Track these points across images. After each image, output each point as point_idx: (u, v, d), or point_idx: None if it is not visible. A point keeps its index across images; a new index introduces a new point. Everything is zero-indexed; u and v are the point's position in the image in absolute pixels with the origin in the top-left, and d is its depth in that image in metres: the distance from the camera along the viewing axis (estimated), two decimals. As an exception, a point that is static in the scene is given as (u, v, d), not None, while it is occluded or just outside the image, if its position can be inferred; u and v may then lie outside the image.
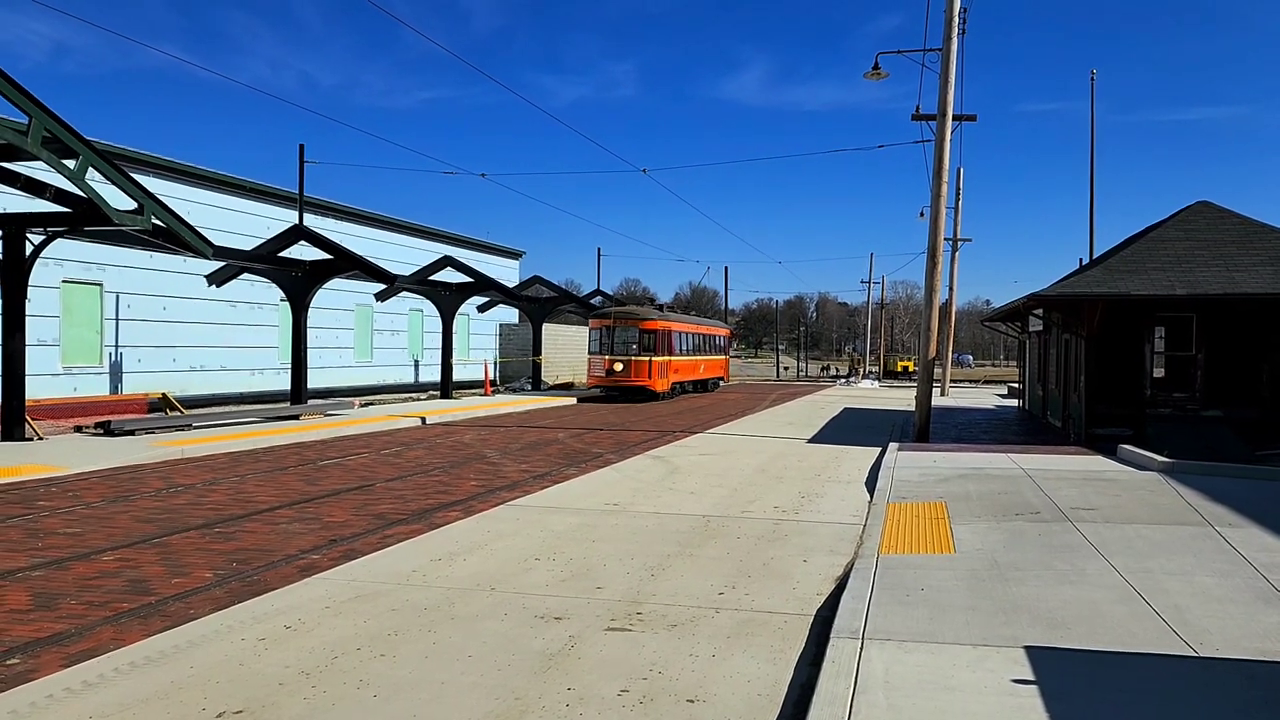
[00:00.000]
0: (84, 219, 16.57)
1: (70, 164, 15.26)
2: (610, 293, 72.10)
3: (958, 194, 44.40)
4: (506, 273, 50.06)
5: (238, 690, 5.20)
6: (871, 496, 12.15)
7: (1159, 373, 19.05)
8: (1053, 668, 5.37)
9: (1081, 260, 32.93)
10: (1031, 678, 5.20)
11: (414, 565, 8.15)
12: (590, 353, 35.84)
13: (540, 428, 23.21)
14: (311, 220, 31.78)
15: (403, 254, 39.80)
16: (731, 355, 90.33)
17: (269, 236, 25.99)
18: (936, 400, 34.87)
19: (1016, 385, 41.08)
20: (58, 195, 16.77)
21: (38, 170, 16.62)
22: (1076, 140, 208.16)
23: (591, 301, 57.63)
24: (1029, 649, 5.70)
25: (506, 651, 5.91)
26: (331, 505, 11.71)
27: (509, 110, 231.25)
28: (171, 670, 5.50)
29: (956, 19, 19.61)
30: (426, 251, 40.25)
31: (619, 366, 33.90)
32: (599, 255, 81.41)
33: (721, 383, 49.25)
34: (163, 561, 8.64)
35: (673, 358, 36.36)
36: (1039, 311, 22.89)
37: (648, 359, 34.15)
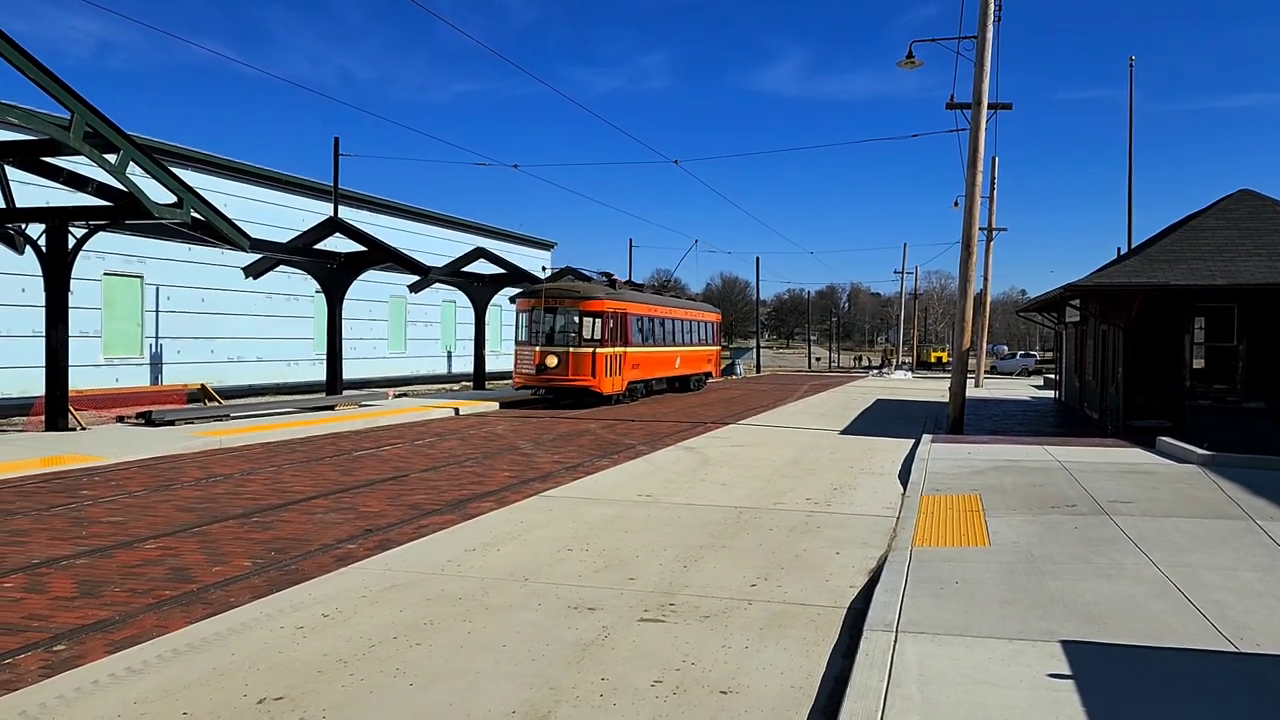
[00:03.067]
0: (125, 212, 16.82)
1: (111, 158, 15.49)
2: (641, 284, 72.09)
3: (993, 183, 43.94)
4: (538, 264, 50.19)
5: (278, 677, 5.29)
6: (905, 489, 12.09)
7: (1199, 364, 18.74)
8: (1090, 662, 5.33)
9: (1119, 250, 32.44)
10: (1068, 672, 5.17)
11: (448, 555, 8.23)
12: (517, 342, 27.83)
13: (572, 419, 23.28)
14: (346, 213, 32.05)
15: (436, 245, 40.04)
16: (763, 345, 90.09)
17: (304, 229, 26.26)
18: (971, 391, 34.60)
19: (1052, 376, 40.63)
20: (99, 189, 17.04)
21: (80, 165, 16.88)
22: (1115, 128, 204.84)
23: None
24: (1065, 643, 5.66)
25: (540, 641, 5.96)
26: (367, 495, 11.84)
27: (542, 103, 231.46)
28: (213, 657, 5.60)
29: (992, 6, 19.37)
30: (459, 243, 40.45)
31: (552, 361, 26.20)
32: (630, 246, 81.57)
33: (709, 379, 40.55)
34: (203, 550, 8.79)
35: (629, 349, 28.69)
36: (1076, 302, 22.59)
37: (590, 351, 26.52)
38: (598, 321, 27.04)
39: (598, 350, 26.59)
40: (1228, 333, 18.46)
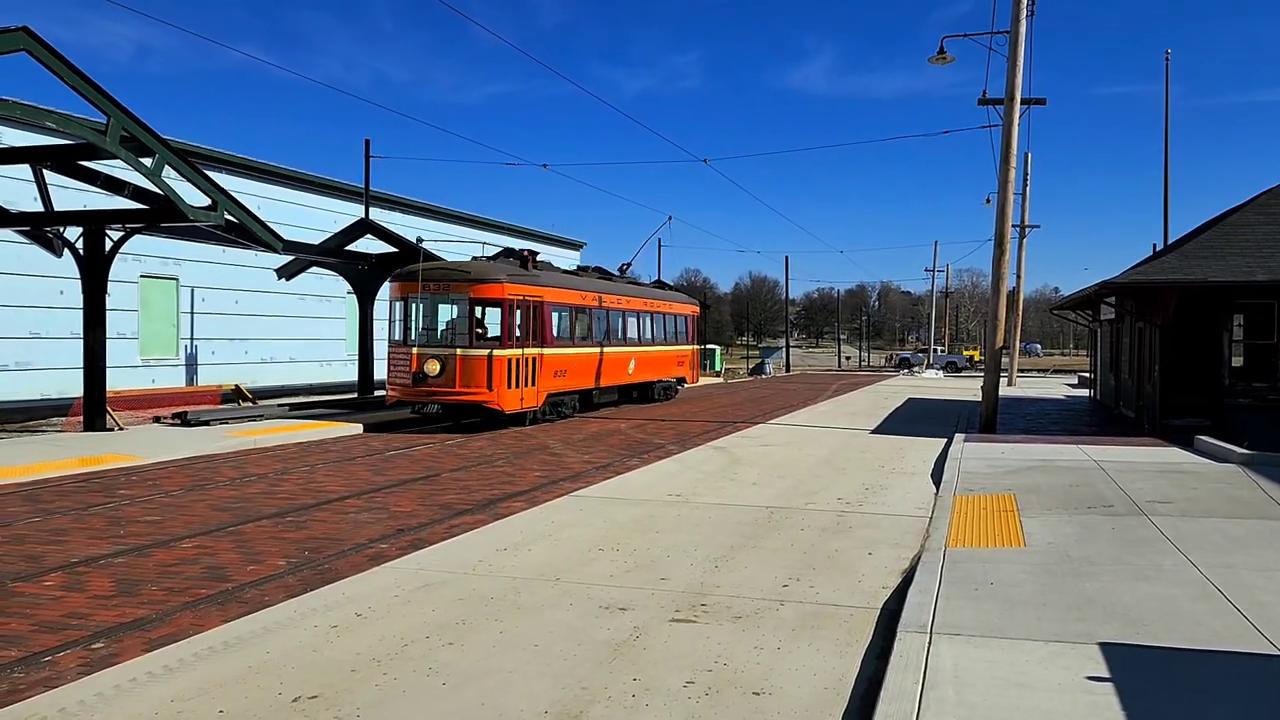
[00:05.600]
0: (160, 215, 17.04)
1: (147, 162, 15.70)
2: (672, 284, 71.91)
3: (1025, 180, 43.47)
4: (567, 263, 50.33)
5: (312, 676, 5.32)
6: (938, 488, 11.98)
7: (1237, 361, 18.42)
8: (1129, 665, 5.25)
9: (1155, 246, 31.99)
10: (1107, 675, 5.09)
11: (480, 555, 8.25)
12: (390, 343, 20.74)
13: (602, 418, 23.30)
14: (378, 214, 32.27)
15: (466, 247, 40.18)
16: (792, 345, 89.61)
17: (336, 231, 26.48)
18: (1004, 390, 34.24)
19: (1087, 375, 40.14)
20: (135, 193, 17.27)
21: (116, 168, 17.12)
22: (1151, 124, 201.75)
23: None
24: (1104, 646, 5.57)
25: (572, 641, 5.95)
26: (398, 495, 11.91)
27: (572, 103, 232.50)
28: (248, 655, 5.64)
29: (1025, 0, 19.15)
30: (490, 244, 40.61)
31: (432, 367, 19.40)
32: (659, 245, 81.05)
33: (682, 385, 32.57)
34: (238, 549, 8.88)
35: (548, 349, 21.47)
36: (1111, 299, 22.30)
37: (485, 353, 19.44)
38: (497, 312, 20.30)
39: (496, 353, 19.45)
40: (1268, 330, 18.13)
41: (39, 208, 17.54)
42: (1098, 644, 5.61)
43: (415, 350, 19.68)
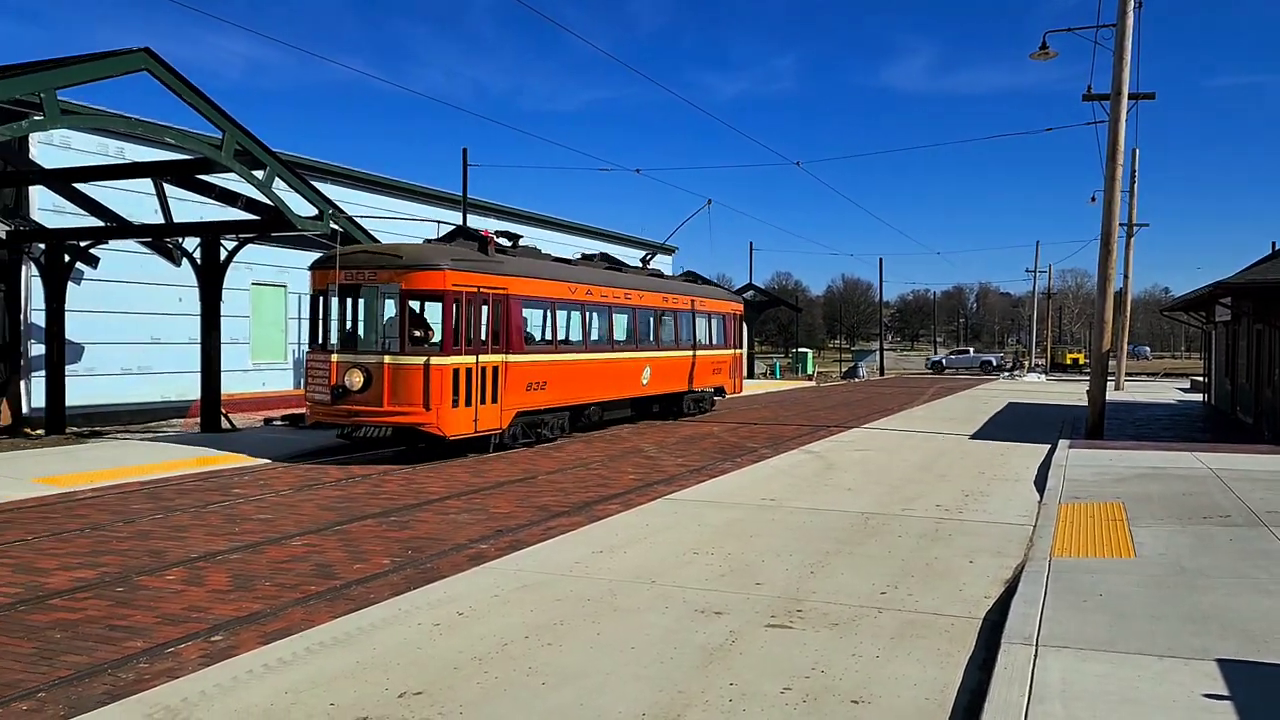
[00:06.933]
0: (271, 225, 17.72)
1: (259, 174, 16.36)
2: (762, 286, 71.36)
3: (1133, 177, 41.88)
4: (660, 269, 50.49)
5: (416, 672, 5.48)
6: (1041, 496, 11.65)
7: (1368, 365, 17.42)
8: (1249, 683, 5.03)
9: (1275, 244, 30.47)
10: (1225, 693, 4.89)
11: (576, 557, 8.36)
12: (309, 349, 16.62)
13: (696, 421, 23.30)
14: (474, 221, 32.90)
15: (559, 251, 40.67)
16: (886, 348, 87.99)
17: (435, 238, 27.09)
18: (1111, 395, 32.97)
19: (1200, 379, 38.42)
20: (248, 204, 18.04)
21: (230, 181, 17.88)
22: (1270, 116, 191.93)
23: (743, 296, 57.41)
24: (1221, 662, 5.36)
25: (668, 644, 5.99)
26: (496, 497, 12.15)
27: (666, 108, 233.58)
28: (356, 651, 5.84)
29: (1133, -9, 18.48)
30: (583, 248, 41.03)
31: (355, 379, 15.20)
32: (751, 249, 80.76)
33: (721, 396, 27.61)
34: (345, 548, 9.18)
35: (515, 356, 16.95)
36: (1227, 300, 21.33)
37: (421, 361, 15.24)
38: (439, 308, 15.90)
39: (435, 361, 15.25)
40: (1401, 332, 17.10)
41: (159, 219, 18.42)
42: (1215, 660, 5.39)
43: (335, 358, 15.50)
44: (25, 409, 19.70)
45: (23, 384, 19.87)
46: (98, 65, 13.98)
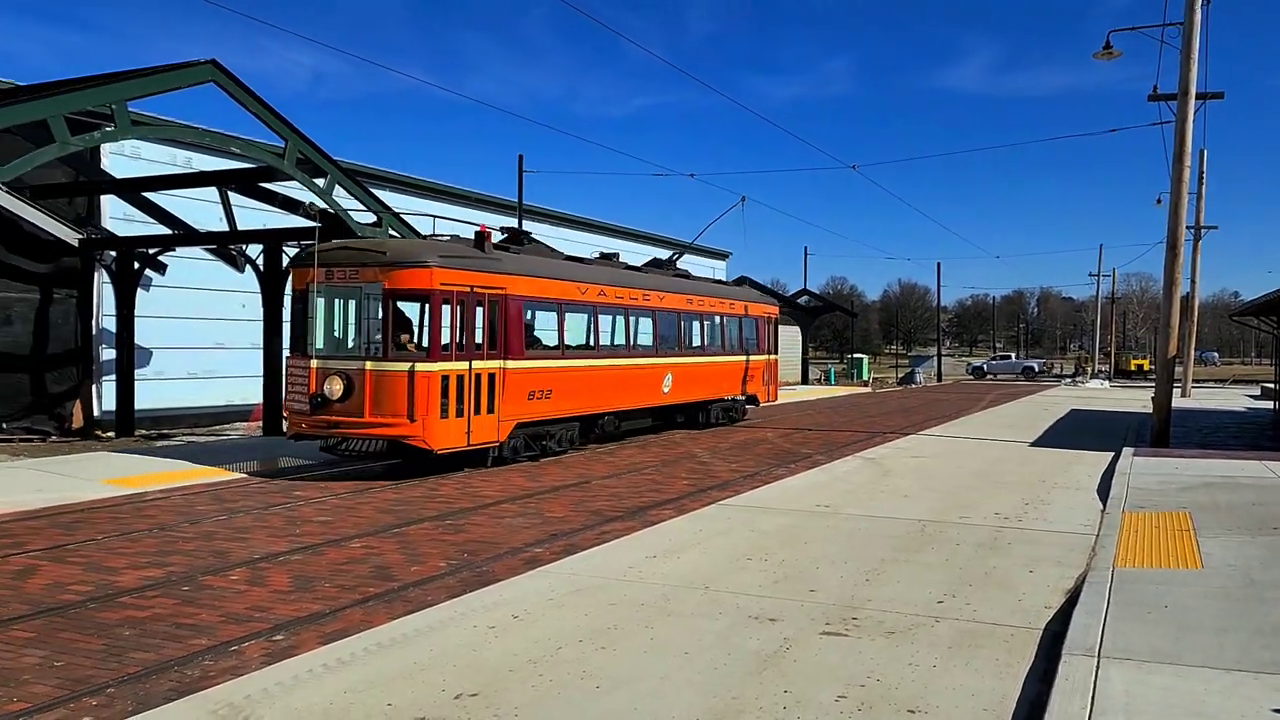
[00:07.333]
0: (331, 232, 18.01)
1: (320, 182, 16.69)
2: (817, 291, 70.72)
3: (1200, 178, 40.84)
4: (714, 274, 50.37)
5: (472, 674, 5.54)
6: (1104, 505, 11.39)
7: None
8: (1323, 700, 4.87)
9: (1352, 246, 29.43)
10: (1297, 710, 4.74)
11: (630, 561, 8.38)
12: (289, 354, 15.53)
13: (748, 427, 23.21)
14: (529, 226, 33.19)
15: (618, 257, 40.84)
16: (945, 353, 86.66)
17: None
18: (1177, 401, 32.10)
19: (1272, 385, 37.26)
20: (307, 211, 18.37)
21: (291, 189, 18.26)
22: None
23: (798, 301, 57.04)
24: (1293, 678, 5.19)
25: (722, 650, 5.98)
26: (551, 501, 12.22)
27: (720, 113, 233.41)
28: (413, 652, 5.92)
29: (1200, -12, 18.04)
30: (636, 254, 41.14)
31: (334, 387, 14.00)
32: (805, 254, 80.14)
33: (754, 405, 25.58)
34: (402, 550, 9.31)
35: (514, 362, 15.59)
36: (1300, 304, 20.68)
37: (406, 368, 13.99)
38: (427, 309, 14.80)
39: (420, 367, 14.00)
40: None
41: (224, 227, 18.88)
42: (1286, 676, 5.23)
43: (315, 364, 14.33)
44: (96, 412, 20.32)
45: (94, 388, 20.50)
46: (167, 77, 14.39)
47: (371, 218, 17.99)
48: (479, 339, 15.14)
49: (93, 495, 12.06)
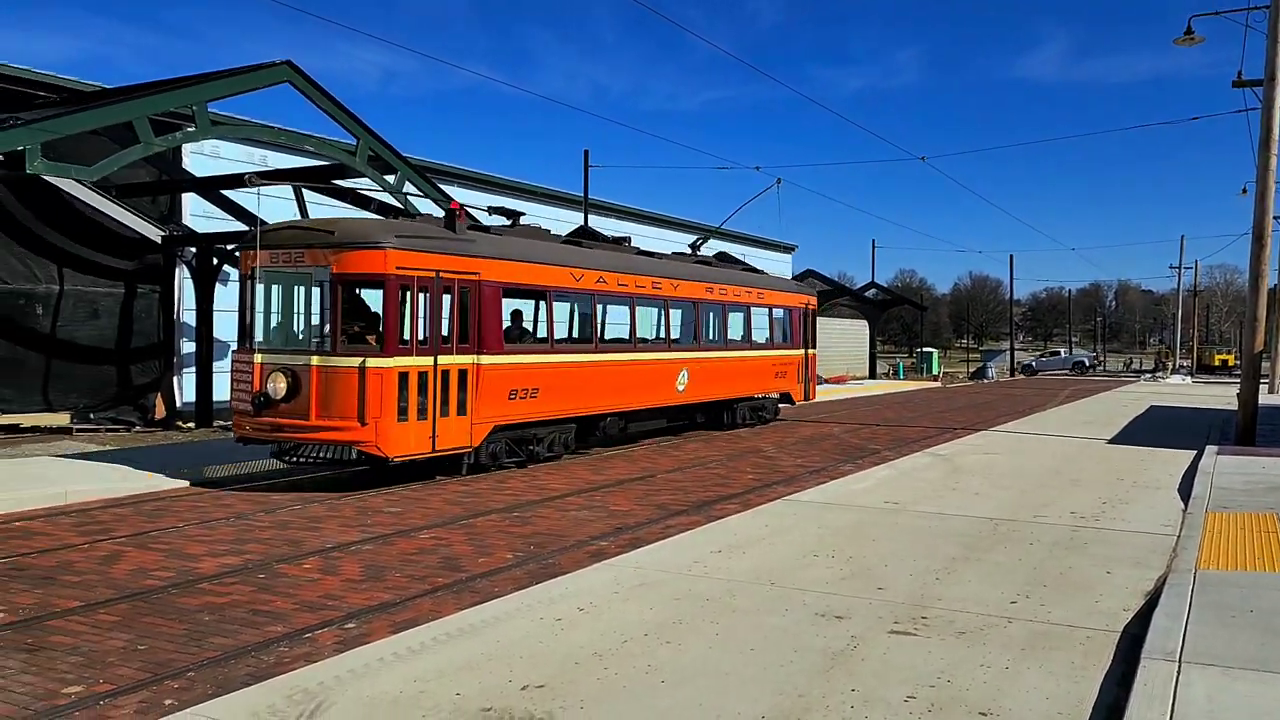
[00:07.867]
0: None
1: (390, 179, 16.99)
2: (885, 284, 69.74)
3: (1291, 165, 39.21)
4: (779, 268, 50.04)
5: (538, 666, 5.59)
6: (1186, 505, 11.03)
7: None
8: None
9: None
10: (1393, 721, 4.53)
11: (695, 556, 8.37)
12: (235, 347, 13.68)
13: (814, 422, 23.01)
14: (596, 221, 33.34)
15: (678, 249, 40.82)
16: (1018, 347, 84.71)
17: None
18: (1264, 398, 31.00)
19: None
20: (379, 207, 18.71)
21: (362, 185, 18.60)
22: None
23: (865, 294, 56.32)
24: (1390, 688, 4.97)
25: (788, 647, 5.94)
26: (616, 494, 12.27)
27: (787, 105, 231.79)
28: (480, 643, 5.99)
29: (1291, -33, 17.31)
30: (706, 249, 41.01)
31: (277, 385, 12.31)
32: (873, 247, 79.18)
33: (780, 404, 23.34)
34: (470, 541, 9.44)
35: (489, 358, 13.82)
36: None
37: (356, 364, 12.24)
38: (382, 296, 12.74)
39: (372, 362, 12.31)
40: None
41: (298, 223, 19.32)
42: (1382, 686, 5.00)
43: (259, 358, 12.67)
44: (178, 403, 20.96)
45: (175, 380, 21.15)
46: (246, 78, 14.77)
47: (440, 213, 18.23)
48: (446, 330, 13.37)
49: (173, 485, 12.45)
